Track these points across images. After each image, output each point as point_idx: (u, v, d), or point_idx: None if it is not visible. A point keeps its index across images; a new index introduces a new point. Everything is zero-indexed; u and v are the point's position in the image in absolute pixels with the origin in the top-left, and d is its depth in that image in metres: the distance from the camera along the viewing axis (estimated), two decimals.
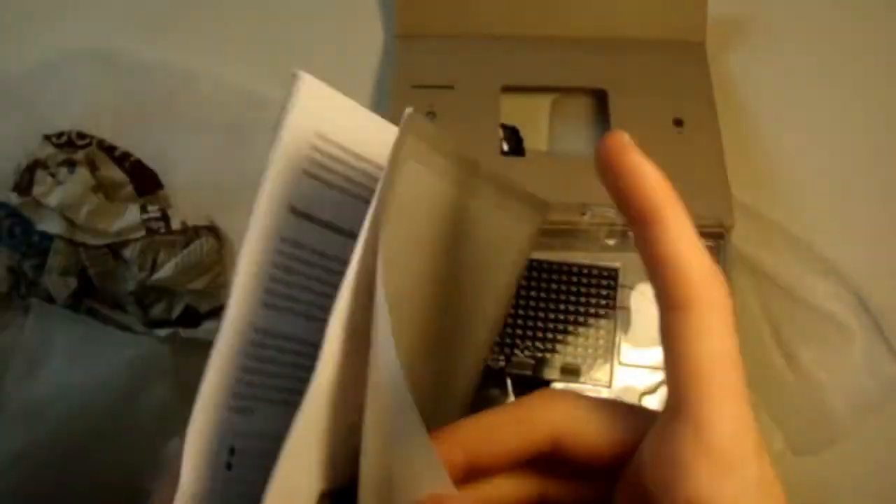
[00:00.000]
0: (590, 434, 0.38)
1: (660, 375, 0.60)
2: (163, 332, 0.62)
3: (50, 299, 0.62)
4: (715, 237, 0.63)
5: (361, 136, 0.41)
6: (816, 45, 0.74)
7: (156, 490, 0.39)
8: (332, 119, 0.39)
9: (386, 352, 0.33)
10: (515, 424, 0.38)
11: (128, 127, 0.69)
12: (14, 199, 0.62)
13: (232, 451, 0.38)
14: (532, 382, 0.60)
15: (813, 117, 0.72)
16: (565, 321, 0.60)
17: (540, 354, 0.59)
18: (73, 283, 0.62)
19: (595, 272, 0.60)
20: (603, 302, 0.60)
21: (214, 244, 0.63)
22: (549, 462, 0.39)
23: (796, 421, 0.63)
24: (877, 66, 0.74)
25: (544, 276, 0.60)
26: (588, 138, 0.69)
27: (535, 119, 0.70)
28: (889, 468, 0.63)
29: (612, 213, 0.62)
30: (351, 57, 0.73)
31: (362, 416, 0.35)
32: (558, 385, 0.60)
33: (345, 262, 0.35)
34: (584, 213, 0.62)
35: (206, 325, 0.63)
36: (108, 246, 0.63)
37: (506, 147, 0.67)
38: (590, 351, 0.59)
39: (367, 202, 0.36)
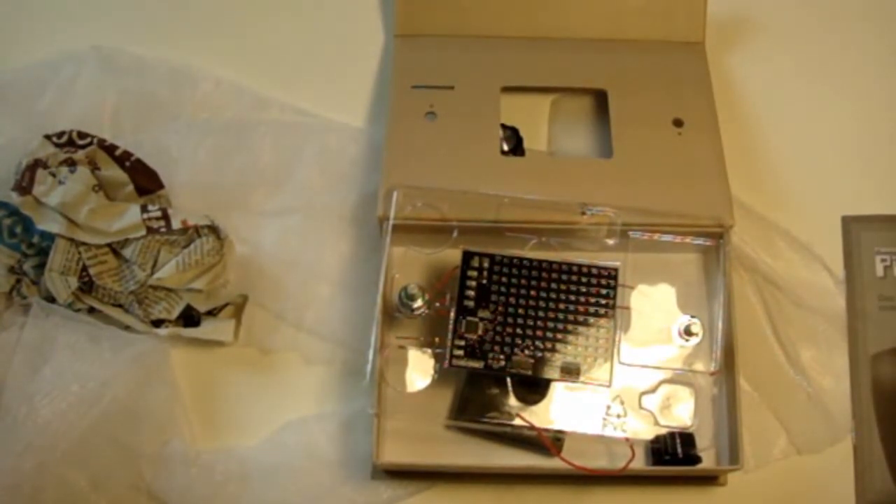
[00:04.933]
0: None
1: (659, 375, 0.60)
2: (163, 332, 0.63)
3: (51, 299, 0.62)
4: (715, 236, 0.63)
5: None
6: (816, 46, 0.74)
7: None
8: None
9: None
10: None
11: (128, 126, 0.69)
12: (15, 198, 0.62)
13: None
14: (532, 382, 0.60)
15: (813, 117, 0.72)
16: (565, 320, 0.60)
17: (540, 354, 0.59)
18: (73, 282, 0.62)
19: (595, 272, 0.61)
20: (603, 302, 0.60)
21: (215, 244, 0.63)
22: None
23: (800, 421, 0.63)
24: (876, 66, 0.74)
25: (544, 274, 0.60)
26: (588, 138, 0.70)
27: (535, 118, 0.70)
28: None
29: (611, 213, 0.62)
30: (351, 57, 0.73)
31: None
32: (558, 385, 0.60)
33: None
34: (583, 213, 0.62)
35: (207, 325, 0.63)
36: (108, 245, 0.63)
37: (506, 147, 0.67)
38: (590, 350, 0.59)
39: None
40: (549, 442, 0.59)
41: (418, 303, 0.60)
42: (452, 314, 0.60)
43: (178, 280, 0.62)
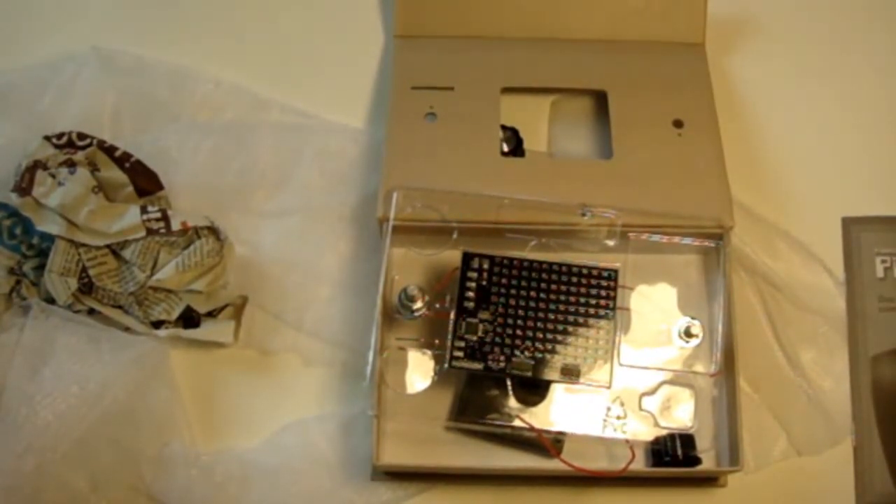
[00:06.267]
0: None
1: (659, 376, 0.60)
2: (163, 333, 0.62)
3: (50, 300, 0.62)
4: (715, 237, 0.63)
5: None
6: (816, 46, 0.74)
7: None
8: None
9: None
10: None
11: (128, 127, 0.69)
12: (14, 199, 0.62)
13: None
14: (532, 383, 0.60)
15: (813, 118, 0.72)
16: (565, 322, 0.60)
17: (540, 355, 0.59)
18: (73, 283, 0.62)
19: (595, 273, 0.60)
20: (603, 302, 0.60)
21: (214, 244, 0.63)
22: None
23: (800, 422, 0.63)
24: (877, 66, 0.74)
25: (544, 276, 0.60)
26: (588, 139, 0.70)
27: (535, 119, 0.70)
28: None
29: (611, 215, 0.62)
30: (351, 57, 0.73)
31: None
32: (558, 386, 0.60)
33: None
34: (583, 214, 0.62)
35: (206, 326, 0.63)
36: (108, 246, 0.63)
37: (506, 148, 0.67)
38: (590, 352, 0.59)
39: None
40: (548, 443, 0.59)
41: (418, 304, 0.60)
42: (452, 315, 0.60)
43: (178, 281, 0.62)
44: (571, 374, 0.59)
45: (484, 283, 0.60)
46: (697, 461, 0.59)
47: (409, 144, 0.66)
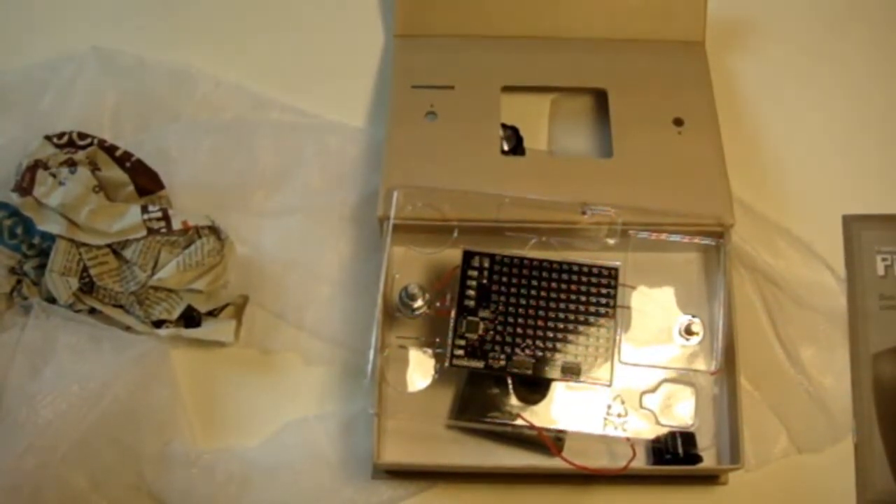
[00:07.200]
0: None
1: (660, 374, 0.60)
2: (164, 332, 0.63)
3: (51, 299, 0.62)
4: (715, 235, 0.63)
5: None
6: (816, 45, 0.74)
7: None
8: None
9: None
10: None
11: (128, 127, 0.69)
12: (15, 199, 0.62)
13: None
14: (533, 381, 0.60)
15: (813, 116, 0.72)
16: (566, 320, 0.60)
17: (540, 354, 0.59)
18: (74, 283, 0.62)
19: (595, 272, 0.61)
20: (603, 301, 0.60)
21: (215, 244, 0.63)
22: None
23: (801, 420, 0.63)
24: (876, 65, 0.74)
25: (545, 274, 0.60)
26: (588, 138, 0.70)
27: (535, 118, 0.70)
28: None
29: (612, 213, 0.62)
30: (351, 57, 0.73)
31: None
32: (559, 384, 0.60)
33: None
34: (584, 213, 0.62)
35: (207, 325, 0.63)
36: (109, 246, 0.63)
37: (506, 147, 0.67)
38: (590, 350, 0.59)
39: None
40: (549, 441, 0.59)
41: (419, 303, 0.60)
42: (453, 314, 0.60)
43: (179, 281, 0.62)
44: (572, 372, 0.59)
45: (484, 281, 0.60)
46: (698, 459, 0.59)
47: (410, 143, 0.66)
